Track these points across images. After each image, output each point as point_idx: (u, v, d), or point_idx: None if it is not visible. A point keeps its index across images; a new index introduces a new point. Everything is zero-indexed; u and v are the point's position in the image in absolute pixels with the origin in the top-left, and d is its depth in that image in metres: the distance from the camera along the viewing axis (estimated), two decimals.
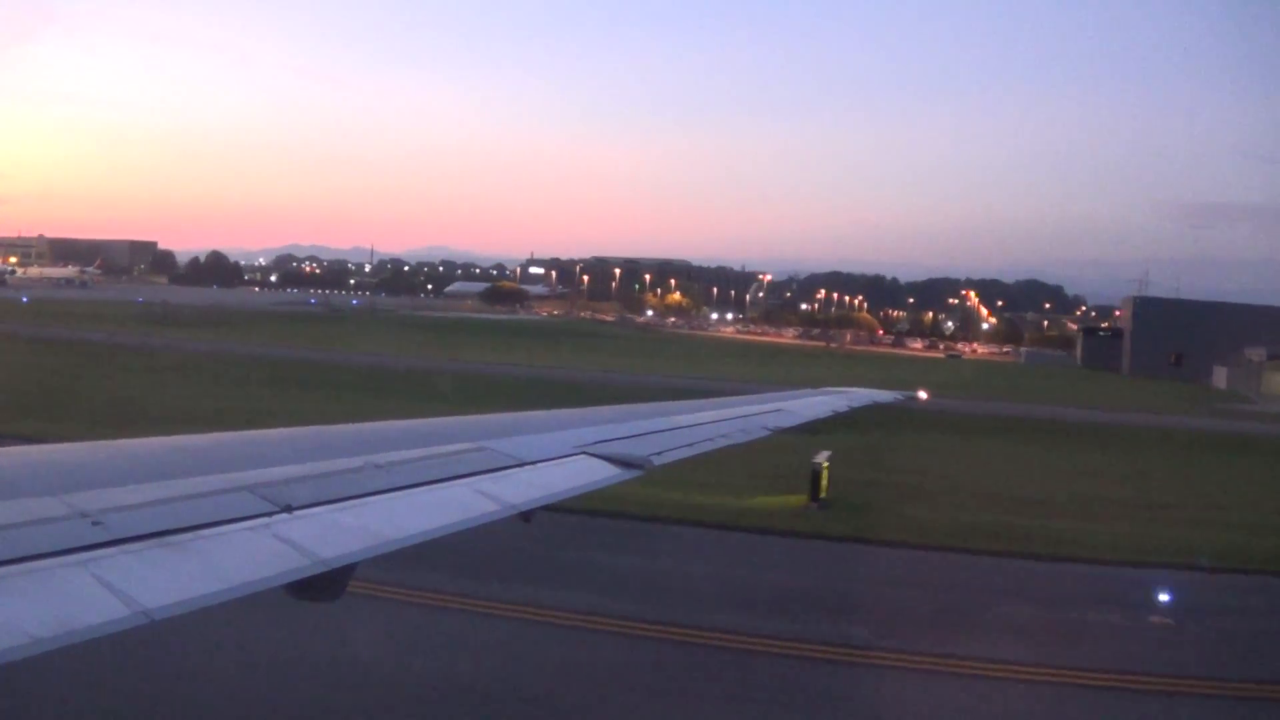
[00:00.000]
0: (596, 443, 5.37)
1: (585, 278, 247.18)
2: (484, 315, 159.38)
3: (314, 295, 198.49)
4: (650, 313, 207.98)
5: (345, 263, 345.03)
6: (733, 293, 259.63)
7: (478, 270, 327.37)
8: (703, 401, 7.80)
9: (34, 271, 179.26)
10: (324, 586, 3.45)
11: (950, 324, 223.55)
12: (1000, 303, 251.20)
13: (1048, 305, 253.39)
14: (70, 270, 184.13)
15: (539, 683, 12.37)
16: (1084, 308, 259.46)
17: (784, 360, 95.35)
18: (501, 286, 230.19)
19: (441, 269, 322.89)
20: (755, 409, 7.74)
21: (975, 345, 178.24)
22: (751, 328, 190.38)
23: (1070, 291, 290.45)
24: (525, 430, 5.47)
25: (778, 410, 7.83)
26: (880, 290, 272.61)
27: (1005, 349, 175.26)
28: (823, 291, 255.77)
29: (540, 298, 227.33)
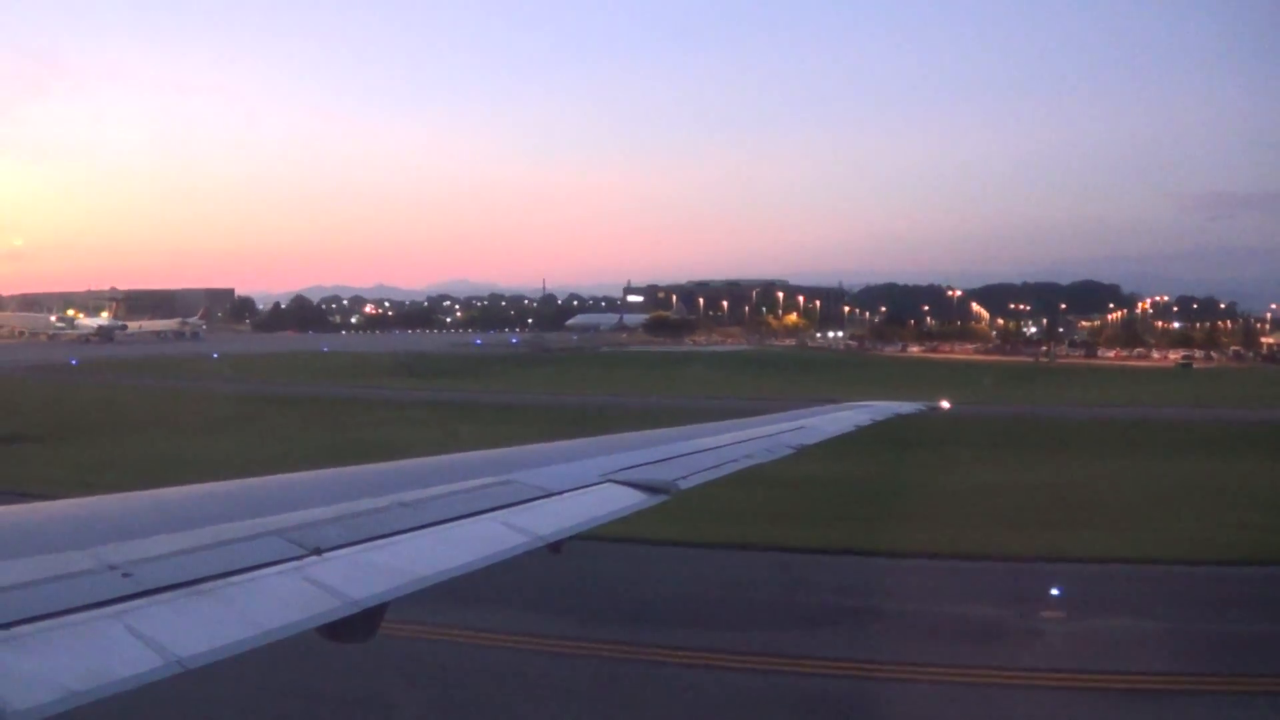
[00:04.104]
0: (622, 469, 5.39)
1: (724, 303, 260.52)
2: (674, 348, 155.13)
3: (478, 336, 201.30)
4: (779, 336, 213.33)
5: (421, 302, 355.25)
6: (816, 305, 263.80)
7: (517, 300, 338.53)
8: (725, 423, 7.78)
9: (132, 325, 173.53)
10: (356, 627, 3.48)
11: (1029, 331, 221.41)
12: (1063, 306, 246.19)
13: (1111, 305, 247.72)
14: (172, 323, 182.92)
15: None
16: (1144, 305, 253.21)
17: (1062, 381, 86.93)
18: (664, 317, 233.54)
19: (505, 303, 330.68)
20: (778, 427, 7.70)
21: (1154, 352, 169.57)
22: (925, 346, 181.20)
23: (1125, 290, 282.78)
24: (551, 461, 5.50)
25: (800, 428, 7.77)
26: (941, 300, 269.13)
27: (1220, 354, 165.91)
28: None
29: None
